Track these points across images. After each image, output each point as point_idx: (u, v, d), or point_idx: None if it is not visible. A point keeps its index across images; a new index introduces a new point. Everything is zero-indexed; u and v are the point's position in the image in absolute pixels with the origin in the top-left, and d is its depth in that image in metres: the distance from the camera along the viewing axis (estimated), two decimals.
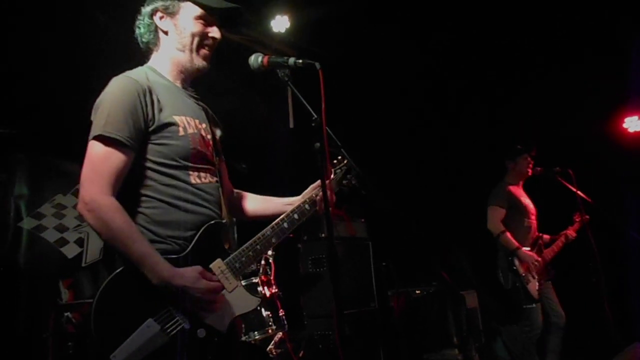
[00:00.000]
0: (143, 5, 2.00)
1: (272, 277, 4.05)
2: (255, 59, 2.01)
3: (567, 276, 4.53)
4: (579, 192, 4.28)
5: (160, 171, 1.83)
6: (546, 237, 4.73)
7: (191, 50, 1.96)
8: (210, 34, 1.99)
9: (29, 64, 4.06)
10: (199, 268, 1.78)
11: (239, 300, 1.90)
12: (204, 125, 1.99)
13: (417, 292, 5.34)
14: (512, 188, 4.65)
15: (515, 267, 4.34)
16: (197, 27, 1.96)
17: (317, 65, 1.86)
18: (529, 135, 4.92)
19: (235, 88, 5.01)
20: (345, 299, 4.72)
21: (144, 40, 2.00)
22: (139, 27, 1.99)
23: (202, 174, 1.92)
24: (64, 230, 4.48)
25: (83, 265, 4.45)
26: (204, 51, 1.99)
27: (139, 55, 2.08)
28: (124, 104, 1.76)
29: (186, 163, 1.86)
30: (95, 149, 1.74)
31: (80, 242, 4.50)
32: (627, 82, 5.21)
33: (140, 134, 1.79)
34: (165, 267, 1.71)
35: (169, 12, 1.94)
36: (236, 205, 2.28)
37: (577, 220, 4.61)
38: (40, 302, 4.11)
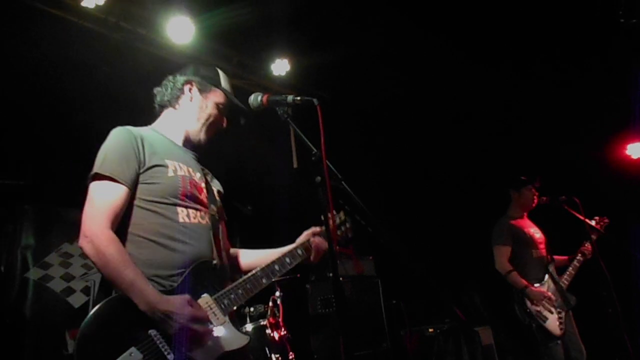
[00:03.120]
0: (177, 72, 2.29)
1: (280, 319, 3.98)
2: (255, 98, 2.14)
3: (581, 307, 4.39)
4: (586, 220, 4.21)
5: (150, 209, 1.95)
6: (560, 259, 4.56)
7: (203, 125, 2.22)
8: (222, 122, 2.29)
9: (34, 118, 4.17)
10: (187, 297, 1.83)
11: (227, 336, 1.91)
12: (197, 175, 2.14)
13: (430, 330, 5.22)
14: (514, 222, 4.54)
15: (527, 308, 4.19)
16: (216, 111, 2.25)
17: (315, 101, 1.95)
18: (533, 164, 4.87)
19: (237, 131, 5.07)
20: (356, 339, 4.62)
21: (165, 97, 2.24)
22: (166, 87, 2.25)
23: (192, 213, 2.02)
24: (71, 279, 4.45)
25: None
26: (211, 132, 2.25)
27: (142, 114, 2.32)
28: (119, 149, 1.96)
29: (175, 200, 1.98)
30: (93, 188, 1.91)
31: (86, 291, 4.47)
32: (630, 109, 5.24)
33: (134, 175, 1.94)
34: (153, 293, 1.78)
35: (200, 89, 2.24)
36: (233, 263, 2.34)
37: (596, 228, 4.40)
38: (46, 354, 4.05)
